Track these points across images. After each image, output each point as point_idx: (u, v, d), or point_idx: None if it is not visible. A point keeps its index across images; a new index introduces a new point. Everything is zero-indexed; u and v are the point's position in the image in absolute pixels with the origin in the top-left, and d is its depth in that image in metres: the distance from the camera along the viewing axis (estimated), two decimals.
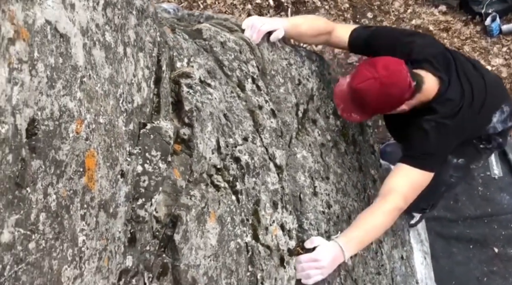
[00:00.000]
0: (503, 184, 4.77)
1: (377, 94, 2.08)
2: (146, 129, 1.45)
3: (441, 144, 2.25)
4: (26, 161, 0.95)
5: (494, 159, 4.95)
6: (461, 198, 4.90)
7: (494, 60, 6.02)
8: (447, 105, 2.23)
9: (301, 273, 2.04)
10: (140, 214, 1.35)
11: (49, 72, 1.01)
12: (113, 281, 1.25)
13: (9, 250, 0.92)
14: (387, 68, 2.07)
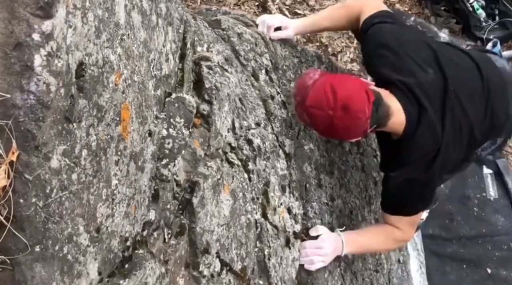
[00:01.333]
0: (498, 205, 4.83)
1: (325, 127, 1.82)
2: (171, 98, 1.55)
3: (419, 196, 2.08)
4: (75, 98, 1.06)
5: (491, 181, 5.04)
6: (456, 218, 4.98)
7: None
8: (416, 152, 1.96)
9: (305, 259, 2.12)
10: (164, 173, 1.44)
11: (97, 23, 1.12)
12: (138, 230, 1.34)
13: (56, 175, 1.02)
14: (346, 110, 1.73)
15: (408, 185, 1.99)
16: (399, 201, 2.08)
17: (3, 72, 0.95)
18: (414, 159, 1.97)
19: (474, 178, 5.03)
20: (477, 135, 2.04)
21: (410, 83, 1.88)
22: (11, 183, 0.94)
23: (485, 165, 5.09)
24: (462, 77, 2.01)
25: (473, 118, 2.00)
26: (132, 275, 1.24)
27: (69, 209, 1.05)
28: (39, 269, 0.96)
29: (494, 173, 4.98)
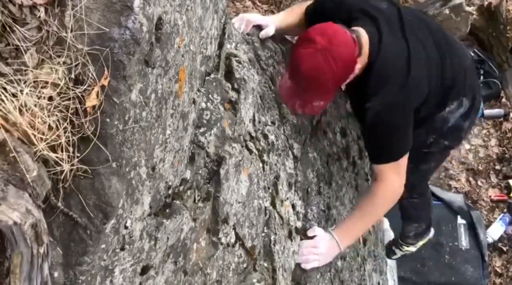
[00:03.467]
0: (469, 256, 5.05)
1: (329, 64, 1.89)
2: (210, 77, 1.74)
3: (397, 128, 2.09)
4: (153, 46, 1.24)
5: (463, 231, 5.28)
6: (428, 263, 5.18)
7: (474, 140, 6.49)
8: (388, 69, 2.02)
9: (301, 258, 2.28)
10: (201, 139, 1.62)
11: None
12: (177, 183, 1.50)
13: (133, 107, 1.19)
14: (323, 34, 1.89)
15: (386, 114, 2.01)
16: (380, 140, 2.11)
17: (103, 9, 1.13)
18: (387, 77, 2.02)
19: (448, 226, 5.26)
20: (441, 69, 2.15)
21: (364, 8, 2.08)
22: (100, 104, 1.11)
23: (459, 215, 5.35)
24: (413, 22, 2.17)
25: (431, 52, 2.13)
26: (173, 218, 1.39)
27: (137, 141, 1.21)
28: (114, 181, 1.12)
29: (467, 223, 5.22)
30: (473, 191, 6.06)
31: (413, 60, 2.00)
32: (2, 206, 0.86)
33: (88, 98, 1.09)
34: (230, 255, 1.74)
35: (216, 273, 1.66)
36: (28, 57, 1.09)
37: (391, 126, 2.06)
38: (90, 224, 1.07)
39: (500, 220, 5.20)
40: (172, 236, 1.38)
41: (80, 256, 1.07)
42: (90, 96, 1.09)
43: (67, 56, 1.11)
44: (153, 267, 1.32)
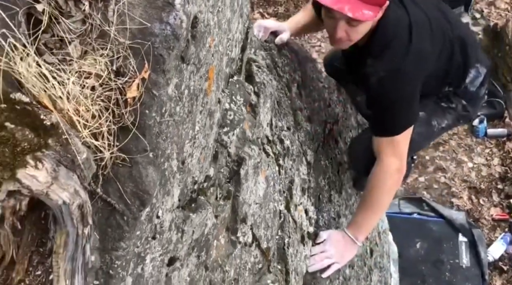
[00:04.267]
0: (469, 274, 5.09)
1: None
2: (234, 79, 1.80)
3: (401, 97, 2.02)
4: (189, 43, 1.30)
5: (464, 249, 5.33)
6: (428, 280, 5.24)
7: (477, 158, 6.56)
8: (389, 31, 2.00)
9: (315, 266, 2.25)
10: (224, 139, 1.67)
11: None
12: (202, 179, 1.55)
13: (169, 101, 1.24)
14: None
15: (389, 81, 1.97)
16: (382, 110, 2.05)
17: (145, 5, 1.19)
18: (389, 42, 1.99)
19: (450, 243, 5.32)
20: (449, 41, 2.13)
21: None
22: (140, 96, 1.16)
23: (461, 232, 5.41)
24: None
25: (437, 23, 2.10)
26: (198, 212, 1.44)
27: (171, 134, 1.26)
28: (151, 171, 1.17)
29: (468, 241, 5.27)
30: (475, 209, 6.11)
31: (414, 28, 1.98)
32: (54, 186, 0.90)
33: (129, 90, 1.14)
34: (247, 254, 1.78)
35: (234, 271, 1.70)
36: (72, 48, 1.14)
37: (393, 94, 2.00)
38: (127, 211, 1.11)
39: (501, 239, 5.25)
40: (197, 230, 1.42)
41: (117, 241, 1.11)
42: (131, 87, 1.14)
43: (109, 49, 1.16)
44: (179, 259, 1.36)
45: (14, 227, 0.99)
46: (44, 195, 0.89)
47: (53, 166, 0.89)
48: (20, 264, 1.00)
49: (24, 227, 1.01)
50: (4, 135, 0.86)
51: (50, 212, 1.01)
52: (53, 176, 0.89)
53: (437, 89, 2.34)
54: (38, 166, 0.87)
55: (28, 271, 1.01)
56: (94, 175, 1.10)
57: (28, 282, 1.01)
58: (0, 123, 0.86)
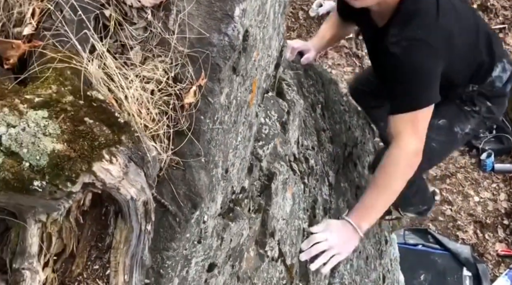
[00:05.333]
0: None
1: None
2: (268, 95, 1.87)
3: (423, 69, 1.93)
4: (240, 55, 1.37)
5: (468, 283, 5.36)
6: None
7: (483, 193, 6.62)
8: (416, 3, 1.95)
9: (316, 262, 2.00)
10: (259, 152, 1.73)
11: (259, 3, 1.45)
12: (238, 189, 1.61)
13: (220, 109, 1.30)
14: None
15: (411, 50, 1.91)
16: (401, 81, 1.97)
17: (205, 16, 1.26)
18: (415, 11, 1.94)
19: (454, 277, 5.35)
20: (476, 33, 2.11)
21: None
22: (197, 102, 1.23)
23: (465, 266, 5.44)
24: None
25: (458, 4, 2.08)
26: (236, 221, 1.49)
27: (219, 142, 1.32)
28: (203, 175, 1.22)
29: (473, 276, 5.30)
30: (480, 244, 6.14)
31: (441, 8, 1.93)
32: (124, 181, 0.96)
33: (186, 96, 1.21)
34: (273, 269, 1.82)
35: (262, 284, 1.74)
36: (133, 54, 1.21)
37: (416, 64, 1.92)
38: (179, 212, 1.16)
39: (506, 275, 5.28)
40: (235, 239, 1.47)
41: (168, 242, 1.16)
42: (188, 93, 1.21)
43: (168, 56, 1.23)
44: (217, 266, 1.41)
45: (77, 221, 1.04)
46: (115, 190, 0.95)
47: (125, 162, 0.95)
48: (80, 258, 1.05)
49: (85, 222, 1.06)
50: (84, 129, 0.91)
51: (111, 209, 1.06)
52: (124, 172, 0.95)
53: (461, 86, 2.26)
54: (113, 161, 0.93)
55: (86, 265, 1.06)
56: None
57: (86, 275, 1.06)
58: (80, 118, 0.92)
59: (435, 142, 2.22)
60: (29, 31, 1.04)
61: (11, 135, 0.87)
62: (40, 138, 0.88)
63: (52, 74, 0.98)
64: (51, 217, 0.99)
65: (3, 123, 0.88)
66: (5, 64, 1.03)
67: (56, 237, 1.03)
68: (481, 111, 2.32)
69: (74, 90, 0.96)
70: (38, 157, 0.88)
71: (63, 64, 1.00)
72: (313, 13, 5.43)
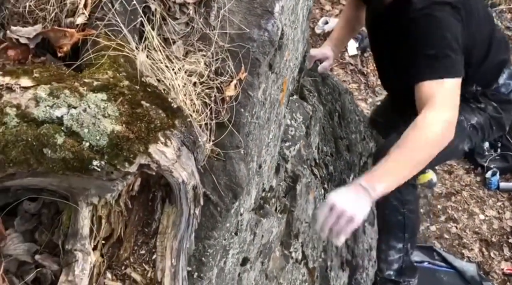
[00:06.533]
0: None
1: None
2: (293, 98, 1.92)
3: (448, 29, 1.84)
4: (276, 53, 1.42)
5: None
6: None
7: (488, 211, 6.64)
8: None
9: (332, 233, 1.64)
10: (286, 153, 1.77)
11: (294, 3, 1.51)
12: (267, 187, 1.64)
13: (258, 103, 1.35)
14: None
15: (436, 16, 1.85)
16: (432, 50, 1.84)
17: (245, 12, 1.31)
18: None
19: None
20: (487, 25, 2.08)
21: None
22: (237, 95, 1.27)
23: None
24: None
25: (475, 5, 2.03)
26: (267, 218, 1.53)
27: (255, 136, 1.36)
28: (242, 166, 1.26)
29: None
30: (485, 262, 6.15)
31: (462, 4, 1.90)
32: (176, 164, 1.00)
33: (227, 89, 1.25)
34: (296, 271, 1.85)
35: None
36: (176, 47, 1.26)
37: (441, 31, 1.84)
38: (220, 202, 1.20)
39: None
40: (266, 235, 1.51)
41: (210, 231, 1.19)
42: (229, 87, 1.25)
43: (210, 51, 1.27)
44: (249, 261, 1.44)
45: (126, 206, 1.08)
46: (168, 172, 0.99)
47: (178, 145, 0.99)
48: (127, 242, 1.08)
49: (133, 207, 1.09)
50: (141, 112, 0.96)
51: (158, 195, 1.10)
52: (177, 155, 0.99)
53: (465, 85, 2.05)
54: (167, 143, 0.97)
55: (133, 250, 1.09)
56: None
57: (133, 260, 1.09)
58: (137, 101, 0.96)
59: None
60: (82, 21, 1.08)
61: (72, 116, 0.91)
62: (100, 119, 0.92)
63: (107, 61, 1.02)
64: (102, 200, 1.03)
65: (64, 104, 0.92)
66: (58, 52, 1.07)
67: (105, 221, 1.06)
68: (487, 109, 2.24)
69: (129, 75, 1.00)
70: (98, 137, 0.92)
71: (116, 52, 1.04)
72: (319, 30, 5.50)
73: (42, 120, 0.92)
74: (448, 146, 1.94)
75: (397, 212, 2.16)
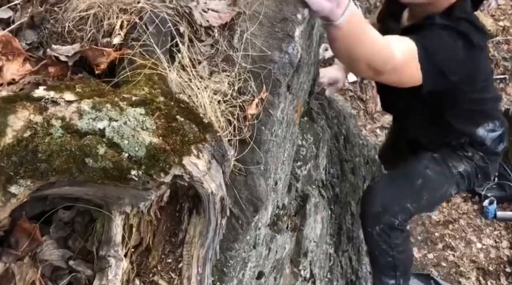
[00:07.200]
0: None
1: None
2: (304, 119, 2.00)
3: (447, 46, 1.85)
4: (294, 75, 1.50)
5: None
6: None
7: (486, 239, 6.71)
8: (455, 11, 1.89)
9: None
10: (297, 172, 1.85)
11: (308, 29, 1.60)
12: (280, 205, 1.72)
13: (277, 122, 1.43)
14: None
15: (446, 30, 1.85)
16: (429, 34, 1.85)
17: (266, 36, 1.40)
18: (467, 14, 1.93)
19: None
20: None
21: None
22: (258, 114, 1.36)
23: None
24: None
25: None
26: (281, 234, 1.60)
27: (273, 154, 1.44)
28: (262, 182, 1.34)
29: None
30: None
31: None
32: (206, 176, 1.08)
33: (249, 107, 1.33)
34: None
35: None
36: (201, 67, 1.35)
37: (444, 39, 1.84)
38: (242, 215, 1.27)
39: None
40: (279, 251, 1.58)
41: (231, 242, 1.26)
42: (251, 105, 1.34)
43: (234, 71, 1.36)
44: (264, 275, 1.51)
45: (155, 216, 1.15)
46: (199, 183, 1.06)
47: (208, 158, 1.06)
48: (156, 251, 1.15)
49: (161, 218, 1.17)
50: (176, 126, 1.04)
51: (185, 206, 1.18)
52: (208, 167, 1.06)
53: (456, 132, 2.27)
54: (199, 156, 1.04)
55: (160, 259, 1.16)
56: None
57: (160, 268, 1.16)
58: (173, 116, 1.04)
59: (430, 170, 2.25)
60: (118, 41, 1.16)
61: (113, 128, 0.99)
62: (139, 132, 1.00)
63: (143, 78, 1.10)
64: (134, 209, 1.10)
65: (106, 117, 1.00)
66: (95, 69, 1.15)
67: (135, 229, 1.13)
68: (474, 158, 2.34)
69: (163, 92, 1.09)
70: (137, 148, 0.99)
71: (151, 70, 1.13)
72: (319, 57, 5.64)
73: (85, 131, 0.99)
74: (439, 191, 2.29)
75: (387, 254, 2.28)
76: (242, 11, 1.38)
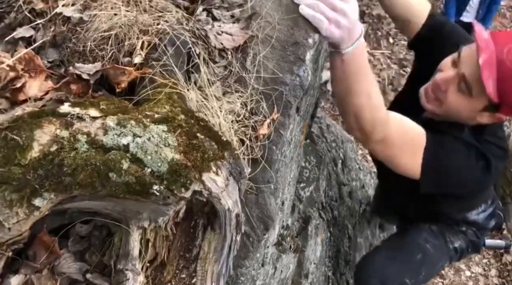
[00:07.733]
0: None
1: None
2: (306, 141, 2.06)
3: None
4: (302, 98, 1.56)
5: None
6: None
7: (474, 267, 6.76)
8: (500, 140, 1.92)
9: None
10: (300, 193, 1.90)
11: (317, 54, 1.66)
12: (285, 225, 1.76)
13: (286, 142, 1.48)
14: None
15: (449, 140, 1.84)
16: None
17: (278, 59, 1.46)
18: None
19: None
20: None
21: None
22: (270, 134, 1.41)
23: None
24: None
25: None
26: (286, 254, 1.64)
27: (282, 174, 1.49)
28: (272, 200, 1.39)
29: None
30: None
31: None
32: (224, 192, 1.12)
33: (261, 127, 1.39)
34: None
35: None
36: (215, 88, 1.40)
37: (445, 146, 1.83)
38: (252, 233, 1.32)
39: None
40: (284, 270, 1.61)
41: (242, 260, 1.30)
42: (263, 126, 1.39)
43: (247, 92, 1.42)
44: None
45: (171, 231, 1.19)
46: (217, 199, 1.11)
47: (226, 175, 1.11)
48: (170, 266, 1.19)
49: (176, 233, 1.20)
50: (197, 143, 1.08)
51: (199, 222, 1.22)
52: (225, 184, 1.11)
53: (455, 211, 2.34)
54: (218, 173, 1.09)
55: (174, 274, 1.20)
56: None
57: (174, 283, 1.19)
58: (193, 133, 1.09)
59: (430, 245, 2.27)
60: (139, 61, 1.21)
61: (137, 144, 1.03)
62: (162, 148, 1.05)
63: (164, 97, 1.15)
64: (152, 224, 1.14)
65: (130, 133, 1.04)
66: (116, 87, 1.20)
67: (151, 244, 1.17)
68: (468, 233, 2.41)
69: (183, 110, 1.13)
70: (160, 164, 1.04)
71: (171, 89, 1.18)
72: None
73: (109, 146, 1.04)
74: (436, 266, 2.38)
75: None
76: (255, 35, 1.44)
